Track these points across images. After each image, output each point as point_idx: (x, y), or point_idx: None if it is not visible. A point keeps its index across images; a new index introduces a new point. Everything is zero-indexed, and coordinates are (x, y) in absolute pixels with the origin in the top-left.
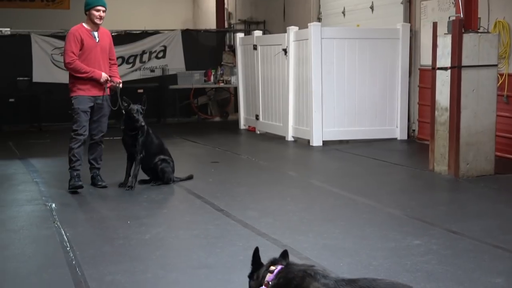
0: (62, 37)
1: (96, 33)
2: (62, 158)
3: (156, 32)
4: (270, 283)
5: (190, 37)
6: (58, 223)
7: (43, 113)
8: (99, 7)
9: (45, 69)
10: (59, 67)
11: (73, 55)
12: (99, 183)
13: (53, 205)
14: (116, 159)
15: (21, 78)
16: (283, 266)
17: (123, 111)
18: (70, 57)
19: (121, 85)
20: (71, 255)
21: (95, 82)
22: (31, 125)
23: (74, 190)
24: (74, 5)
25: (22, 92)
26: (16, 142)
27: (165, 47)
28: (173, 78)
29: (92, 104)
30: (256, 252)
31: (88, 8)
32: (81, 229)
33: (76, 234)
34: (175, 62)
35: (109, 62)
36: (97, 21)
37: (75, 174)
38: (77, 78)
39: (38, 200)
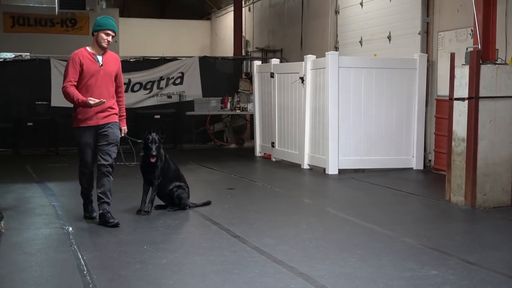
0: None
1: (100, 57)
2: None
3: (174, 59)
4: None
5: (208, 64)
6: (75, 247)
7: (61, 137)
8: (109, 31)
9: None
10: None
11: (67, 79)
12: (111, 220)
13: (70, 228)
14: (131, 184)
15: (40, 102)
16: None
17: (142, 139)
18: (65, 82)
19: (125, 132)
20: (88, 278)
21: (98, 109)
22: (49, 149)
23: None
24: None
25: (40, 116)
26: (34, 165)
27: (182, 73)
28: (190, 104)
29: (94, 134)
30: None
31: (97, 29)
32: (98, 253)
33: (93, 258)
34: (192, 88)
35: (117, 90)
36: (104, 44)
37: (88, 203)
38: (78, 106)
39: (55, 223)
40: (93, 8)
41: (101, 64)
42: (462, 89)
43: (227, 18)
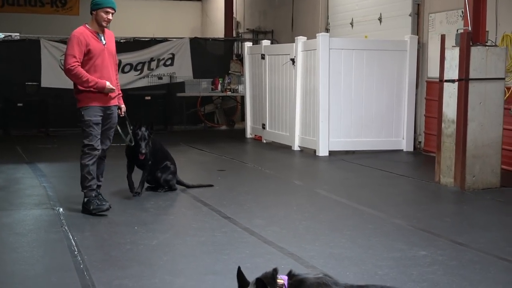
0: None
1: (102, 36)
2: (69, 163)
3: (164, 40)
4: None
5: (198, 45)
6: (66, 227)
7: (51, 118)
8: (108, 9)
9: (54, 74)
10: None
11: (75, 59)
12: (104, 203)
13: (61, 209)
14: (121, 165)
15: (30, 83)
16: (290, 278)
17: (130, 131)
18: (72, 62)
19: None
20: (79, 259)
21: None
22: (39, 130)
23: (102, 213)
24: (84, 11)
25: (30, 97)
26: (24, 146)
27: (173, 54)
28: (181, 85)
29: (102, 114)
30: (239, 272)
31: (96, 8)
32: (89, 234)
33: (83, 238)
34: (183, 70)
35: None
36: (104, 23)
37: (94, 195)
38: (88, 88)
39: (46, 204)
40: None
41: (104, 43)
42: (452, 71)
43: None
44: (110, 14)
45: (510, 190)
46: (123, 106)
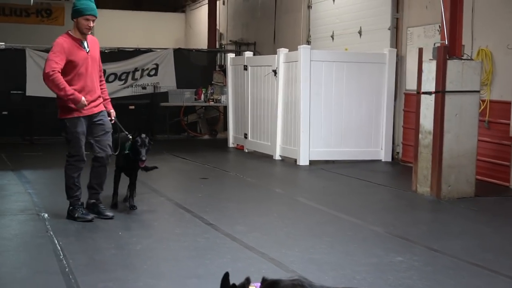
0: None
1: (85, 43)
2: (54, 171)
3: (148, 50)
4: None
5: (182, 56)
6: (51, 232)
7: (35, 127)
8: (88, 16)
9: (39, 83)
10: None
11: (56, 65)
12: (107, 213)
13: (46, 215)
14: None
15: (14, 92)
16: (262, 283)
17: (131, 138)
18: (51, 67)
19: (114, 115)
20: (64, 262)
21: (90, 98)
22: (24, 138)
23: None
24: (69, 21)
25: (15, 105)
26: (9, 154)
27: (157, 65)
28: (164, 95)
29: (87, 124)
30: (225, 278)
31: (76, 15)
32: (74, 239)
33: (68, 243)
34: (166, 80)
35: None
36: (86, 31)
37: (79, 203)
38: (63, 98)
39: (31, 210)
40: None
41: (88, 51)
42: (429, 83)
43: (202, 11)
44: (91, 21)
45: (484, 200)
46: (112, 111)
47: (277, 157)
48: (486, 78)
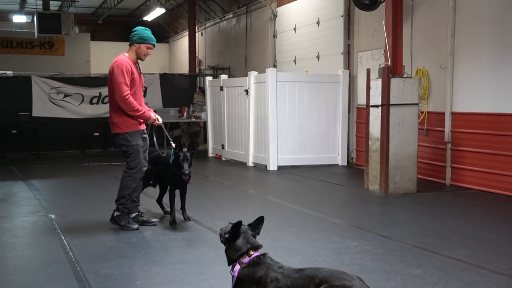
0: (58, 79)
1: (139, 66)
2: (58, 180)
3: None
4: (244, 264)
5: (167, 80)
6: (58, 230)
7: (41, 143)
8: (151, 45)
9: (43, 105)
10: (55, 104)
11: (127, 88)
12: (153, 220)
13: (53, 216)
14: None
15: (22, 113)
16: (259, 254)
17: (173, 153)
18: (125, 90)
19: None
20: (71, 254)
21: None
22: (31, 153)
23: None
24: (68, 51)
25: (23, 124)
26: (18, 167)
27: (145, 87)
28: None
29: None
30: (238, 225)
31: (140, 42)
32: (78, 234)
33: (73, 238)
34: (154, 100)
35: None
36: (143, 57)
37: (126, 211)
38: (136, 117)
39: (40, 212)
40: (67, 32)
41: (140, 73)
42: (376, 98)
43: (183, 41)
44: (150, 50)
45: (424, 194)
46: (158, 116)
47: (250, 163)
48: (424, 93)
